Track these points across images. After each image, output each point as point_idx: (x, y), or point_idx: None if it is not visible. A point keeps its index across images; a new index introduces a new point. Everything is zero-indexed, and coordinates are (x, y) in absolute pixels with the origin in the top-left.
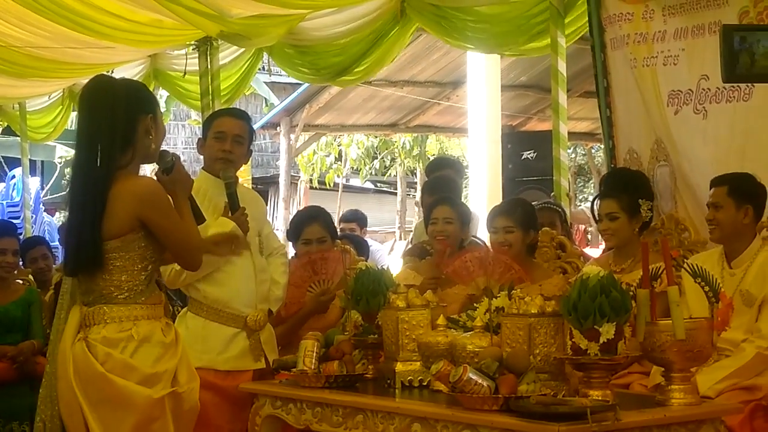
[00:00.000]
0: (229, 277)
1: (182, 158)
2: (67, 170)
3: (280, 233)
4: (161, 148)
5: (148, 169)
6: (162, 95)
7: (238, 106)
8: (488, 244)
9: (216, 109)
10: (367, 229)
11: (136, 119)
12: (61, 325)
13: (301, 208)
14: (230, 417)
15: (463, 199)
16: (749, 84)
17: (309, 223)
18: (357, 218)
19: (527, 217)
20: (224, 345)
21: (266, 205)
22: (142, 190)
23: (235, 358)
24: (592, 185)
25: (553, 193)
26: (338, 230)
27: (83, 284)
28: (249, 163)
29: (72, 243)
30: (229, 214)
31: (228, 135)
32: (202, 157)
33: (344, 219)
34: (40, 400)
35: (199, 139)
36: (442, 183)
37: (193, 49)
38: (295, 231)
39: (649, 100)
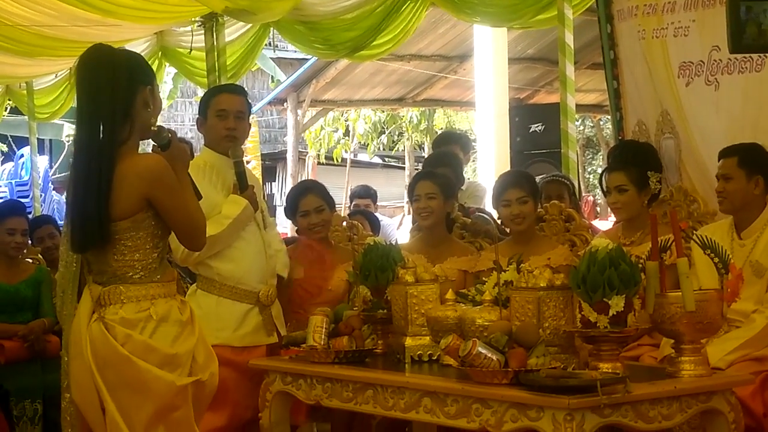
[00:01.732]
0: (241, 254)
1: (189, 135)
2: None
3: None
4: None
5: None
6: (169, 72)
7: (244, 82)
8: (495, 217)
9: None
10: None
11: (136, 91)
12: (67, 303)
13: None
14: (247, 392)
15: (466, 173)
16: (761, 55)
17: (303, 195)
18: (370, 194)
19: (534, 186)
20: (238, 321)
21: (275, 180)
22: (150, 168)
23: (250, 334)
24: (601, 157)
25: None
26: (352, 206)
27: (94, 264)
28: (258, 139)
29: (77, 219)
30: (239, 192)
31: (230, 112)
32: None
33: (357, 195)
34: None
35: (198, 117)
36: (441, 158)
37: (198, 26)
38: (291, 206)
39: (657, 71)
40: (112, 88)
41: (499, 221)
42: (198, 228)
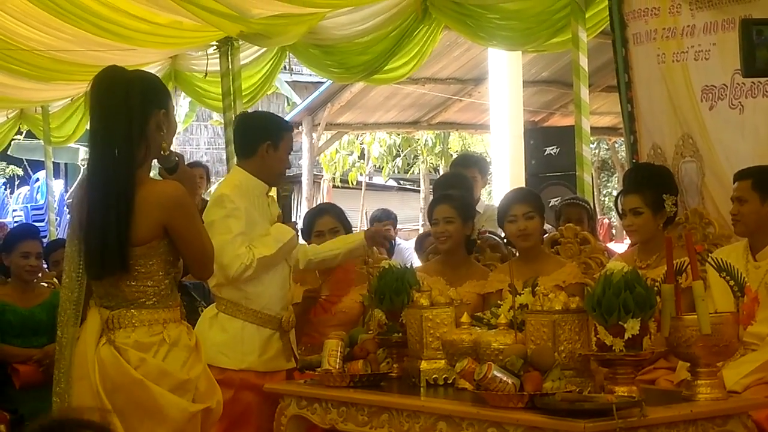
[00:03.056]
0: (270, 278)
1: (205, 159)
2: None
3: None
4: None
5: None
6: (186, 96)
7: (260, 105)
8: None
9: (284, 118)
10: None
11: (149, 114)
12: (69, 326)
13: None
14: (269, 416)
15: (479, 195)
16: None
17: (320, 216)
18: (390, 218)
19: (540, 203)
20: (263, 347)
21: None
22: (170, 196)
23: (273, 359)
24: (616, 179)
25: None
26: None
27: (101, 288)
28: None
29: (95, 245)
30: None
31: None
32: (222, 156)
33: (378, 219)
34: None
35: (269, 144)
36: (452, 180)
37: (214, 50)
38: (307, 226)
39: (678, 95)
40: (127, 110)
41: (504, 240)
42: (208, 256)
